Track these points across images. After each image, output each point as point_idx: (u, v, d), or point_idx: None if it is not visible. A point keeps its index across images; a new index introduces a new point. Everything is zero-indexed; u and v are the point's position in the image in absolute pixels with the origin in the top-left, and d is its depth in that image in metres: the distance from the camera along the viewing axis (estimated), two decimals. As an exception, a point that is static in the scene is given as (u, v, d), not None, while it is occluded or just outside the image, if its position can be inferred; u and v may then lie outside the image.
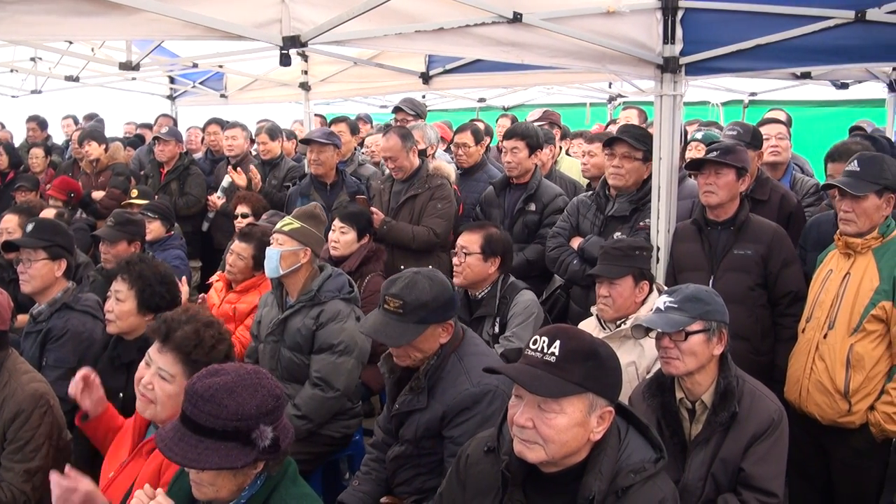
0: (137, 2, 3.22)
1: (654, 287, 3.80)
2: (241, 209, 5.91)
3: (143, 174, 7.71)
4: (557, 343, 2.21)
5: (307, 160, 6.21)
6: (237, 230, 5.42)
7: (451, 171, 5.74)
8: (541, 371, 2.19)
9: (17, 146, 9.29)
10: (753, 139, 4.77)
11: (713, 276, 4.04)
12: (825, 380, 3.59)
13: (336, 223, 4.96)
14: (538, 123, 7.17)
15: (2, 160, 8.35)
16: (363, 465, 3.46)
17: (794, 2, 3.92)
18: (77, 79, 8.01)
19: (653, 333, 3.00)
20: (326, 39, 3.78)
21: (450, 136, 7.95)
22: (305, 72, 7.81)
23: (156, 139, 7.63)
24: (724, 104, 9.69)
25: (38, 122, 10.13)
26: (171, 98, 10.01)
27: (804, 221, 4.53)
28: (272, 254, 4.08)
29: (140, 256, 3.91)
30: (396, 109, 7.09)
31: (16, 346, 3.60)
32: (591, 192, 4.87)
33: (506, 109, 11.17)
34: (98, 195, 7.36)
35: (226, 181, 6.90)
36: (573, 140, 7.72)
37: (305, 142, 6.20)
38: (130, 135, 10.23)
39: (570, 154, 7.53)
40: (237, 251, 4.90)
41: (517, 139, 5.32)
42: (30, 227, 4.15)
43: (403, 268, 3.34)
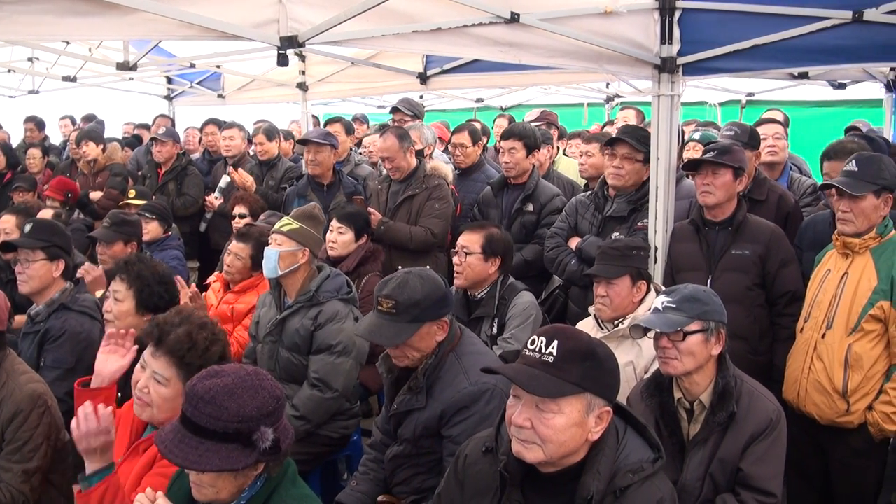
0: (135, 2, 3.22)
1: (652, 287, 3.81)
2: (239, 209, 5.90)
3: (141, 174, 7.69)
4: (555, 343, 2.21)
5: (304, 160, 6.20)
6: (235, 230, 5.41)
7: (449, 172, 5.74)
8: (539, 371, 2.19)
9: (15, 146, 9.26)
10: (751, 139, 4.77)
11: (711, 276, 4.04)
12: (823, 380, 3.60)
13: (334, 223, 4.95)
14: (535, 123, 7.17)
15: (-1, 161, 8.34)
16: (361, 466, 3.46)
17: (792, 2, 3.92)
18: (74, 79, 8.00)
19: (651, 333, 3.00)
20: (324, 39, 3.78)
21: (448, 137, 7.96)
22: (303, 72, 7.83)
23: (153, 140, 7.62)
24: (722, 104, 9.69)
25: (36, 123, 10.10)
26: (169, 98, 9.99)
27: (802, 221, 4.52)
28: (271, 254, 4.08)
29: (138, 256, 3.91)
30: (394, 110, 7.08)
31: (14, 347, 3.60)
32: (590, 193, 4.87)
33: (503, 109, 11.17)
34: (96, 195, 7.34)
35: (223, 181, 6.89)
36: (570, 140, 7.72)
37: (302, 142, 6.20)
38: (128, 135, 10.22)
39: (568, 154, 7.53)
40: (235, 251, 4.90)
41: (515, 139, 5.32)
42: (28, 228, 4.15)
43: (401, 268, 3.33)
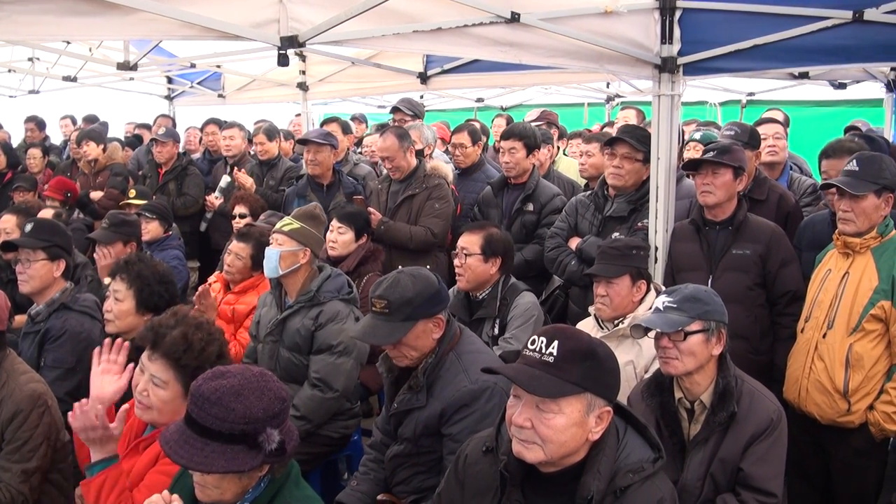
0: (135, 2, 3.21)
1: (652, 287, 3.81)
2: (239, 209, 5.90)
3: (142, 174, 7.69)
4: (556, 343, 2.21)
5: (304, 160, 6.20)
6: (235, 230, 5.41)
7: (449, 171, 5.74)
8: (539, 371, 2.19)
9: (15, 146, 9.26)
10: (751, 139, 4.77)
11: (712, 276, 4.04)
12: (824, 379, 3.60)
13: (334, 223, 4.95)
14: (536, 123, 7.17)
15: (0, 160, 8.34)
16: (361, 466, 3.46)
17: (792, 2, 3.92)
18: (75, 79, 8.00)
19: (652, 333, 3.00)
20: (324, 39, 3.77)
21: (449, 137, 7.96)
22: (303, 72, 7.83)
23: (153, 141, 7.62)
24: (722, 104, 9.70)
25: (37, 123, 10.11)
26: (169, 98, 10.00)
27: (802, 221, 4.52)
28: (272, 254, 4.08)
29: (138, 256, 3.90)
30: (394, 109, 7.07)
31: (14, 347, 3.60)
32: (590, 193, 4.86)
33: (504, 109, 11.17)
34: (96, 195, 7.35)
35: (224, 181, 6.89)
36: (571, 140, 7.72)
37: (302, 142, 6.19)
38: (129, 135, 10.22)
39: (568, 154, 7.53)
40: (235, 251, 4.89)
41: (515, 139, 5.32)
42: (28, 228, 4.15)
43: (401, 267, 3.33)
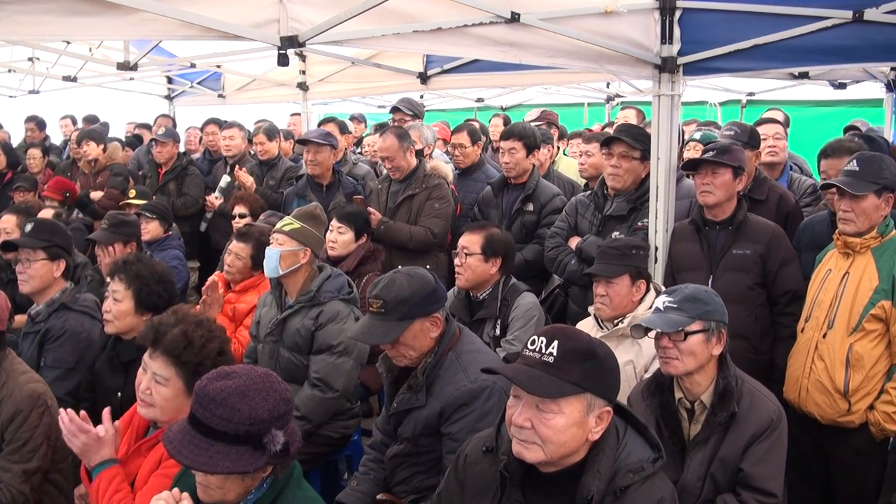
0: (135, 2, 3.21)
1: (651, 286, 3.80)
2: (239, 209, 5.89)
3: (142, 174, 7.69)
4: (555, 343, 2.21)
5: (304, 161, 6.20)
6: (235, 230, 5.41)
7: (449, 171, 5.74)
8: (539, 371, 2.19)
9: (15, 146, 9.26)
10: (751, 139, 4.77)
11: (712, 276, 4.03)
12: (825, 379, 3.60)
13: (333, 223, 4.95)
14: (536, 123, 7.17)
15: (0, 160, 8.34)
16: (361, 466, 3.46)
17: (792, 2, 3.92)
18: (75, 79, 8.00)
19: (652, 333, 3.00)
20: (324, 39, 3.77)
21: (450, 137, 7.96)
22: (303, 72, 7.84)
23: (153, 141, 7.61)
24: (722, 104, 9.71)
25: (37, 123, 10.11)
26: (169, 98, 10.00)
27: (802, 221, 4.52)
28: (272, 254, 4.08)
29: (137, 256, 3.90)
30: (394, 109, 7.07)
31: (14, 347, 3.60)
32: (590, 192, 4.86)
33: (503, 109, 11.17)
34: (96, 195, 7.34)
35: (224, 181, 6.89)
36: (571, 140, 7.72)
37: (302, 142, 6.18)
38: (129, 135, 10.22)
39: (568, 154, 7.52)
40: (235, 251, 4.89)
41: (514, 140, 5.32)
42: (29, 228, 4.15)
43: (403, 267, 3.34)
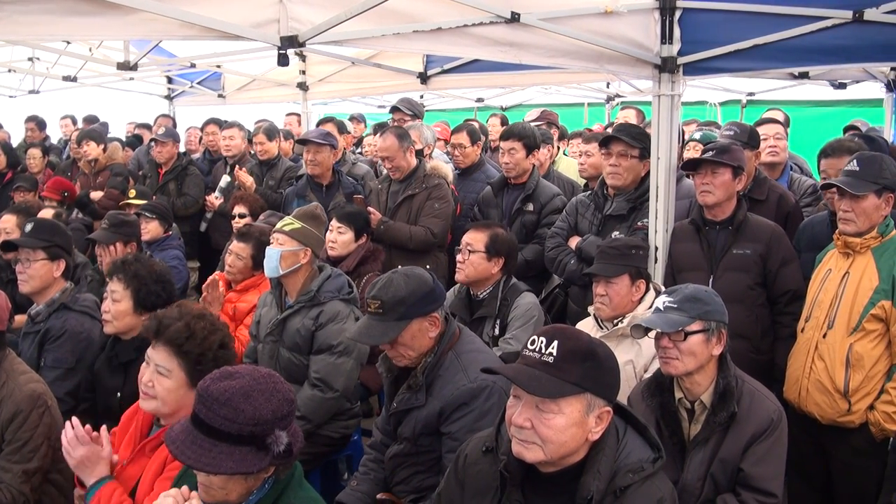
0: (135, 2, 3.21)
1: (651, 286, 3.80)
2: (239, 209, 5.89)
3: (142, 174, 7.68)
4: (555, 343, 2.21)
5: (304, 160, 6.20)
6: (235, 230, 5.41)
7: (449, 171, 5.73)
8: (539, 371, 2.19)
9: (15, 146, 9.26)
10: (750, 139, 4.77)
11: (713, 276, 4.03)
12: (825, 379, 3.60)
13: (333, 223, 4.94)
14: (536, 123, 7.17)
15: (0, 160, 8.34)
16: (361, 466, 3.46)
17: (792, 2, 3.92)
18: (75, 79, 8.00)
19: (652, 333, 3.00)
20: (324, 39, 3.77)
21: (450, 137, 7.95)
22: (303, 72, 7.84)
23: (153, 141, 7.61)
24: (722, 104, 9.70)
25: (37, 123, 10.11)
26: (169, 98, 10.00)
27: (801, 221, 4.52)
28: (272, 253, 4.08)
29: (135, 256, 3.90)
30: (394, 109, 7.06)
31: (14, 347, 3.60)
32: (590, 192, 4.86)
33: (504, 109, 11.17)
34: (96, 195, 7.34)
35: (224, 181, 6.89)
36: (572, 140, 7.72)
37: (302, 142, 6.18)
38: (129, 135, 10.22)
39: (568, 154, 7.52)
40: (236, 251, 4.89)
41: (514, 140, 5.31)
42: (29, 227, 4.15)
43: (401, 267, 3.33)
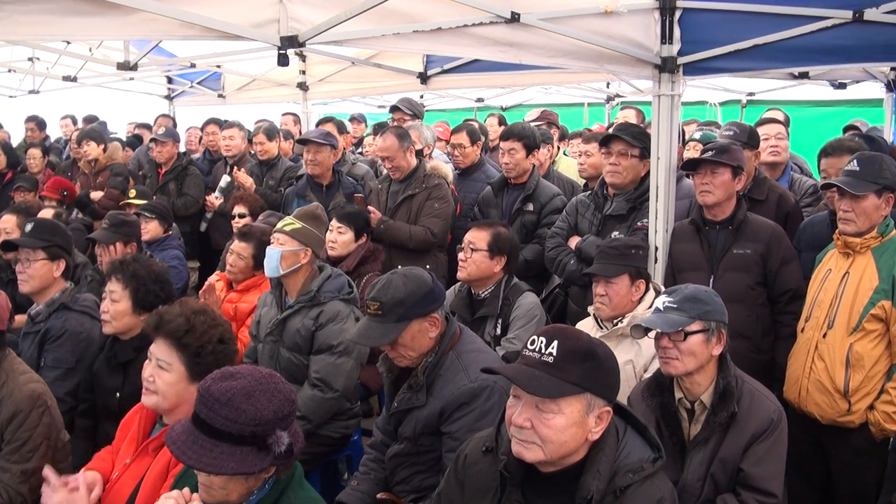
0: (135, 2, 3.21)
1: (651, 286, 3.80)
2: (239, 209, 5.89)
3: (142, 174, 7.69)
4: (555, 343, 2.21)
5: (304, 160, 6.20)
6: (236, 230, 5.41)
7: (449, 171, 5.73)
8: (538, 371, 2.19)
9: (15, 146, 9.26)
10: (750, 139, 4.76)
11: (713, 276, 4.03)
12: (825, 379, 3.59)
13: (333, 223, 4.94)
14: (536, 123, 7.17)
15: (0, 160, 8.34)
16: (362, 465, 3.46)
17: (792, 2, 3.92)
18: (75, 79, 8.00)
19: (652, 333, 3.00)
20: (324, 39, 3.77)
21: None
22: (303, 72, 7.84)
23: (153, 140, 7.60)
24: (722, 104, 9.70)
25: (37, 123, 10.11)
26: (169, 98, 10.00)
27: (802, 221, 4.52)
28: (273, 253, 4.07)
29: (134, 256, 3.91)
30: (394, 109, 7.06)
31: (14, 347, 3.60)
32: (590, 192, 4.86)
33: (503, 109, 11.16)
34: (96, 195, 7.35)
35: (224, 181, 6.89)
36: (572, 140, 7.71)
37: (302, 142, 6.18)
38: (129, 135, 10.22)
39: (569, 154, 7.52)
40: (237, 251, 4.89)
41: (514, 140, 5.31)
42: (29, 227, 4.15)
43: (400, 267, 3.33)
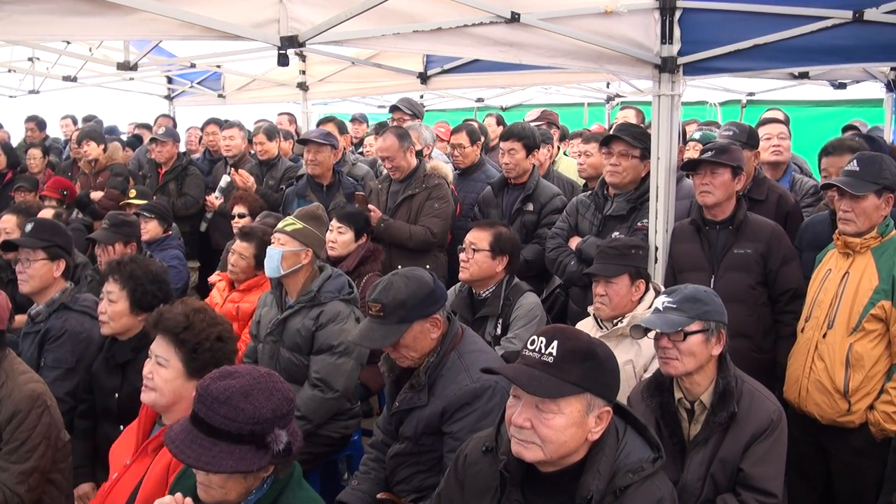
0: (135, 2, 3.21)
1: (651, 286, 3.81)
2: (238, 209, 5.89)
3: (142, 174, 7.68)
4: (555, 343, 2.21)
5: (304, 160, 6.20)
6: (237, 230, 5.41)
7: (449, 171, 5.73)
8: (538, 371, 2.19)
9: (15, 146, 9.26)
10: (749, 139, 4.76)
11: (714, 276, 4.03)
12: (825, 379, 3.59)
13: (333, 223, 4.94)
14: (536, 123, 7.16)
15: (0, 160, 8.33)
16: (362, 465, 3.46)
17: (792, 2, 3.92)
18: (75, 79, 7.99)
19: (651, 333, 3.00)
20: (324, 39, 3.77)
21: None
22: (303, 72, 7.84)
23: (153, 140, 7.60)
24: (722, 104, 9.70)
25: (37, 123, 10.10)
26: (169, 98, 10.00)
27: (801, 221, 4.51)
28: (273, 253, 4.07)
29: (131, 256, 3.91)
30: (393, 109, 7.06)
31: (14, 347, 3.60)
32: (590, 192, 4.86)
33: (503, 109, 11.15)
34: (96, 195, 7.35)
35: (224, 181, 6.89)
36: (572, 140, 7.71)
37: (303, 142, 6.17)
38: (129, 135, 10.22)
39: (569, 154, 7.52)
40: (239, 251, 4.89)
41: (514, 140, 5.31)
42: (29, 227, 4.15)
43: (401, 267, 3.33)
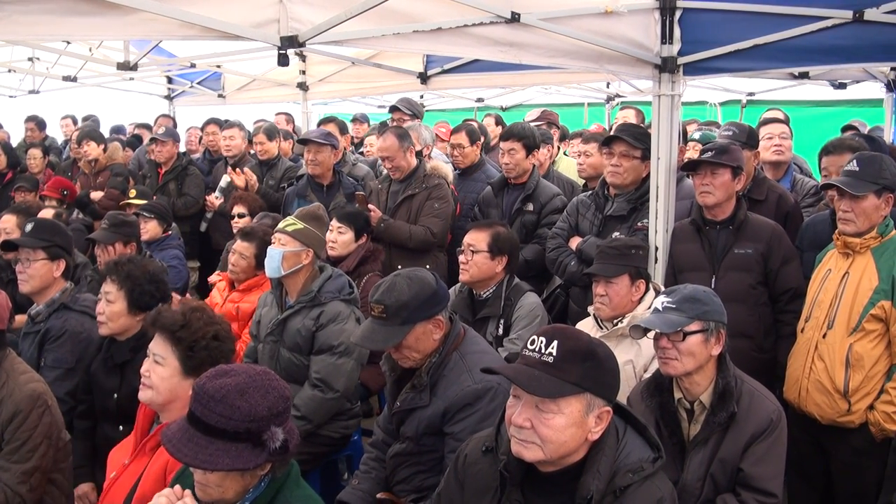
0: (135, 2, 3.21)
1: (651, 286, 3.81)
2: (238, 209, 5.90)
3: (142, 174, 7.69)
4: (555, 343, 2.21)
5: (304, 160, 6.20)
6: (238, 230, 5.41)
7: (449, 171, 5.73)
8: (538, 371, 2.19)
9: (15, 146, 9.26)
10: (749, 139, 4.76)
11: (715, 276, 4.04)
12: (824, 379, 3.59)
13: (333, 223, 4.94)
14: (536, 123, 7.16)
15: (0, 160, 8.33)
16: (362, 465, 3.47)
17: (792, 2, 3.92)
18: (75, 79, 8.00)
19: (651, 333, 3.00)
20: (324, 39, 3.77)
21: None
22: (303, 72, 7.85)
23: (153, 140, 7.60)
24: (722, 104, 9.70)
25: (37, 123, 10.10)
26: (169, 98, 10.00)
27: (801, 221, 4.51)
28: (274, 254, 4.07)
29: (128, 257, 3.92)
30: (393, 108, 7.06)
31: (14, 347, 3.60)
32: (591, 192, 4.86)
33: (503, 109, 11.15)
34: (96, 195, 7.35)
35: (224, 181, 6.89)
36: (572, 140, 7.71)
37: (303, 142, 6.17)
38: (129, 135, 10.22)
39: (569, 154, 7.52)
40: (239, 251, 4.89)
41: (514, 140, 5.31)
42: (29, 227, 4.15)
43: (401, 267, 3.33)
